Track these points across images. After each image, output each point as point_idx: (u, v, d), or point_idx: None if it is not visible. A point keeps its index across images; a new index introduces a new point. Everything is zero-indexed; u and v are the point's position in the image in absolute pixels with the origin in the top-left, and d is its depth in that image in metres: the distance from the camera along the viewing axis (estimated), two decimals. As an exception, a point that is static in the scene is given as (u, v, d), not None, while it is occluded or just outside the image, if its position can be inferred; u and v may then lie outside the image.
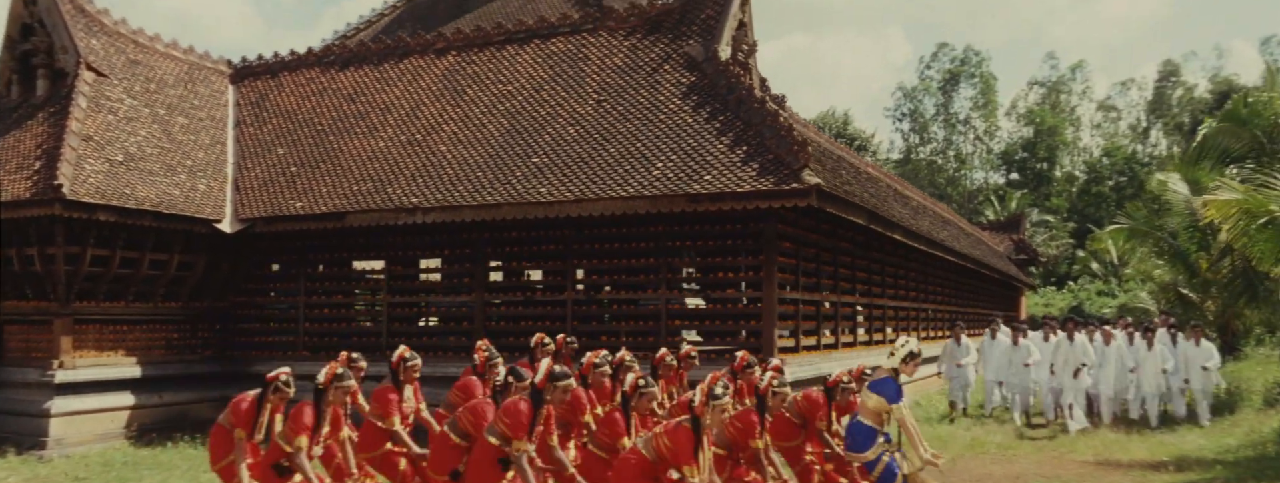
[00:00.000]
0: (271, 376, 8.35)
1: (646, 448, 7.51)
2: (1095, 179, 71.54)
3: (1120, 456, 14.18)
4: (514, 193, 15.29)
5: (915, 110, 77.96)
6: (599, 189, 14.61)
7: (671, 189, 14.08)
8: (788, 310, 15.55)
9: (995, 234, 46.29)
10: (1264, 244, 13.27)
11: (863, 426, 8.76)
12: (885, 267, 21.23)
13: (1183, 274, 24.51)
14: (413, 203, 16.03)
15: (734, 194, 13.62)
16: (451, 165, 16.65)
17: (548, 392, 7.52)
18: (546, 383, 7.51)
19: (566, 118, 16.66)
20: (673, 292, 15.47)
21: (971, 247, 30.15)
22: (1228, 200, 13.44)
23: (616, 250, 15.86)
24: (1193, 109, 66.30)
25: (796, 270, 15.92)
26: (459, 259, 17.17)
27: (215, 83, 21.78)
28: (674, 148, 14.96)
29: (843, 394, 9.76)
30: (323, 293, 18.57)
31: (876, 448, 8.67)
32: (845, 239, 18.40)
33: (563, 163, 15.57)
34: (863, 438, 8.72)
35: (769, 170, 13.74)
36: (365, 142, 18.37)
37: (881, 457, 8.66)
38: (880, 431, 8.74)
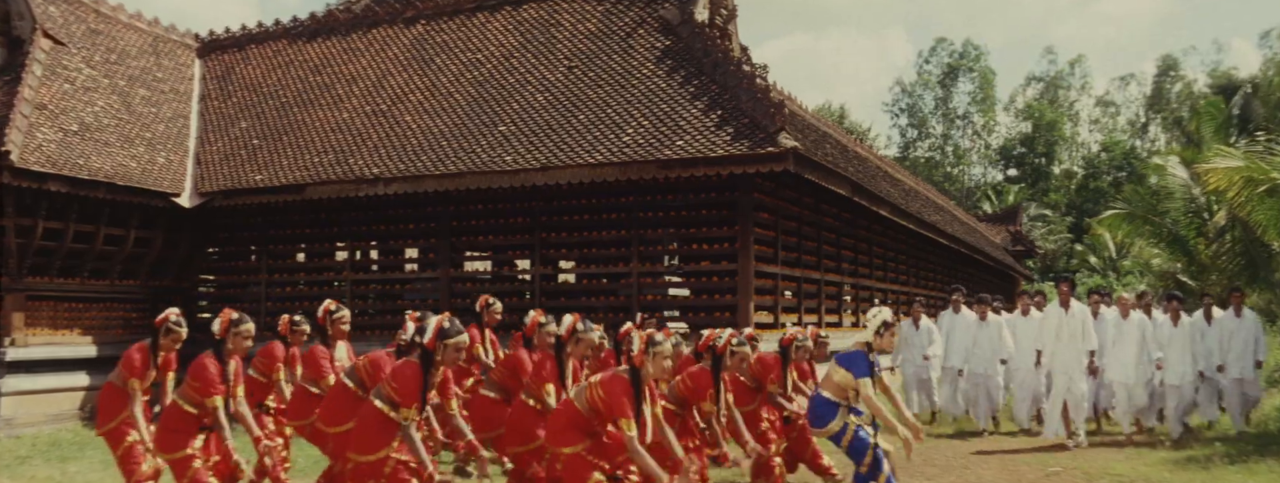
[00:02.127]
0: (159, 317, 7.61)
1: (579, 399, 6.74)
2: (1094, 174, 70.93)
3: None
4: (478, 162, 14.57)
5: (913, 105, 77.33)
6: (566, 157, 13.88)
7: (642, 155, 13.34)
8: (765, 285, 14.81)
9: (992, 225, 45.66)
10: (1267, 213, 12.61)
11: (824, 399, 7.84)
12: (874, 246, 20.50)
13: (1182, 261, 23.85)
14: (373, 173, 15.33)
15: (707, 159, 12.88)
16: (416, 135, 15.94)
17: (438, 352, 6.67)
18: (436, 343, 6.66)
19: (536, 85, 15.94)
20: (645, 265, 14.70)
21: (966, 233, 29.42)
22: (1230, 168, 12.75)
23: (586, 222, 15.15)
24: (1192, 103, 65.60)
25: (776, 244, 15.19)
26: (423, 233, 16.44)
27: (181, 55, 21.13)
28: (646, 113, 14.23)
29: (799, 353, 9.13)
30: (284, 271, 17.88)
31: (839, 419, 7.80)
32: (830, 215, 17.67)
33: (530, 131, 14.84)
34: (824, 412, 7.83)
35: (744, 134, 13.00)
36: (329, 113, 17.69)
37: (846, 427, 7.76)
38: (843, 404, 7.86)
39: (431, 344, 6.56)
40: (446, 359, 6.63)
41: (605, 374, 6.70)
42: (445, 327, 6.60)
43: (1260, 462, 11.01)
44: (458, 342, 6.61)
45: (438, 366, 6.65)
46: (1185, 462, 11.26)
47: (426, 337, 6.57)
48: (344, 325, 8.99)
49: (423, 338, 6.66)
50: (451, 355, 6.63)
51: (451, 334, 6.58)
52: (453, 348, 6.60)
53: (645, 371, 6.62)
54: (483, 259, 17.10)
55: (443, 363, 6.66)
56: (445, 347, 6.58)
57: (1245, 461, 11.13)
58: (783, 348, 9.03)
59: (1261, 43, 68.68)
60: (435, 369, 6.65)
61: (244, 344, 7.43)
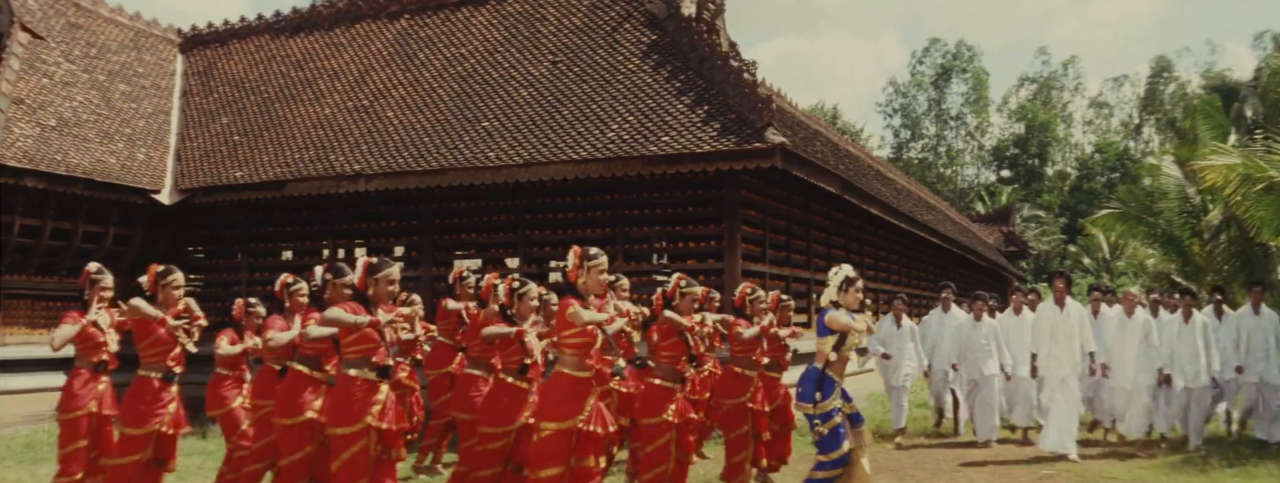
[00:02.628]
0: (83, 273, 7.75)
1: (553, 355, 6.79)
2: (1087, 175, 70.88)
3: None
4: (461, 158, 14.28)
5: (907, 106, 77.15)
6: (550, 152, 13.60)
7: (627, 151, 13.05)
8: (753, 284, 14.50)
9: (985, 226, 45.44)
10: (1264, 211, 12.36)
11: (817, 371, 7.41)
12: (864, 246, 20.23)
13: (1176, 262, 23.58)
14: (355, 170, 15.05)
15: (693, 155, 12.59)
16: (398, 131, 15.66)
17: (370, 287, 6.40)
18: (366, 279, 6.41)
19: (520, 80, 15.65)
20: (631, 263, 14.41)
21: (959, 233, 29.19)
22: (1226, 165, 12.50)
23: (571, 220, 14.85)
24: (1186, 104, 65.46)
25: (764, 242, 14.91)
26: (406, 231, 16.15)
27: (163, 51, 20.89)
28: (631, 109, 13.94)
29: (753, 306, 9.15)
30: (266, 270, 17.56)
31: (835, 398, 7.30)
32: (820, 213, 17.40)
33: (513, 126, 14.55)
34: (810, 385, 7.37)
35: (731, 130, 12.72)
36: (311, 109, 17.42)
37: (833, 413, 7.30)
38: (837, 382, 7.39)
39: (362, 284, 6.32)
40: (380, 294, 6.39)
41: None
42: (373, 262, 6.37)
43: (1259, 465, 10.75)
44: (387, 274, 6.43)
45: (374, 302, 6.40)
46: (1182, 465, 11.02)
47: (356, 277, 6.34)
48: (301, 298, 8.63)
49: (334, 275, 6.52)
50: (384, 289, 6.41)
51: (381, 268, 6.37)
52: (384, 282, 6.39)
53: (582, 285, 6.60)
54: (468, 258, 16.73)
55: (378, 298, 6.41)
56: (376, 281, 6.37)
57: (1243, 464, 10.87)
58: (736, 308, 9.19)
59: (1255, 44, 68.26)
60: (373, 308, 6.38)
61: (175, 295, 7.40)
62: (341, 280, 6.89)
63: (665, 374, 8.03)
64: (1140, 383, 11.87)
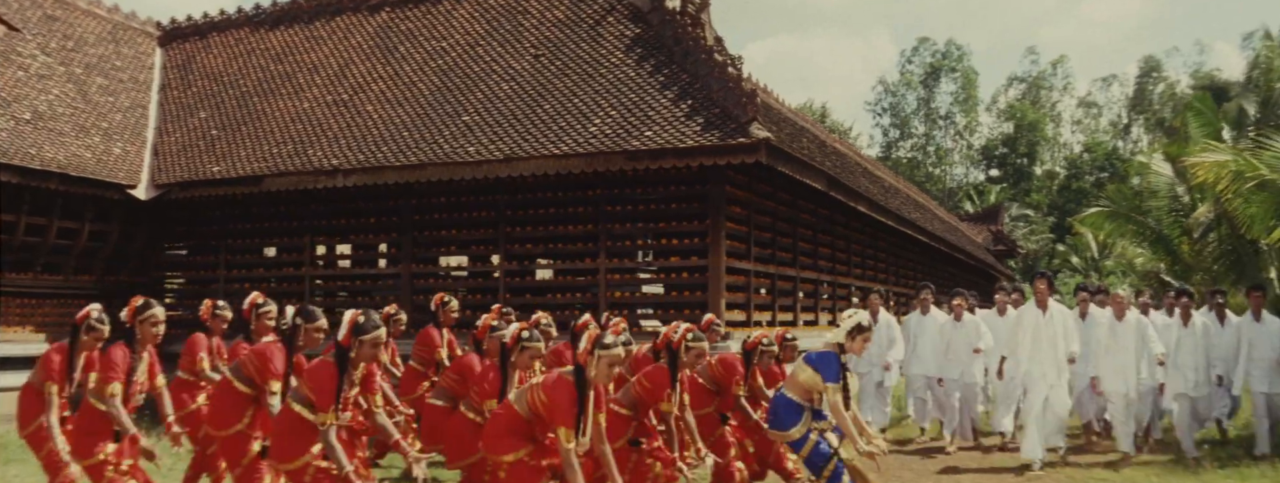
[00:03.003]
0: (81, 314, 7.03)
1: (519, 403, 6.19)
2: (1075, 175, 70.76)
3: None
4: (440, 153, 14.02)
5: (896, 105, 77.01)
6: (531, 147, 13.33)
7: (609, 146, 12.79)
8: (738, 282, 14.30)
9: (973, 225, 45.31)
10: (1256, 208, 12.13)
11: (788, 400, 7.36)
12: (852, 244, 20.02)
13: (1165, 261, 23.39)
14: (333, 165, 14.77)
15: (676, 150, 12.34)
16: (377, 125, 15.40)
17: (353, 348, 6.04)
18: (351, 339, 6.09)
19: (501, 74, 15.39)
20: (613, 260, 14.16)
21: (947, 232, 29.01)
22: (1218, 162, 12.28)
23: (553, 217, 14.58)
24: (1174, 104, 65.38)
25: (749, 239, 14.67)
26: (385, 228, 15.88)
27: (142, 44, 20.58)
28: (614, 103, 13.69)
29: (763, 359, 8.43)
30: (243, 267, 17.29)
31: (802, 425, 7.28)
32: (806, 210, 17.16)
33: (494, 121, 14.29)
34: (785, 414, 7.34)
35: (715, 125, 12.47)
36: (290, 103, 17.14)
37: (808, 436, 7.26)
38: (808, 407, 7.35)
39: (346, 341, 6.01)
40: (362, 356, 6.06)
41: (550, 377, 6.13)
42: (360, 322, 6.04)
43: (1253, 466, 10.49)
44: (374, 337, 6.04)
45: (354, 363, 6.10)
46: (1172, 465, 10.79)
47: (340, 333, 6.02)
48: (268, 321, 8.40)
49: (305, 320, 6.21)
50: (367, 352, 6.05)
51: (367, 330, 6.01)
52: (369, 344, 6.04)
53: (590, 372, 6.05)
54: (449, 255, 16.44)
55: (359, 360, 6.10)
56: (361, 343, 6.02)
57: (1237, 465, 10.62)
58: (746, 352, 8.35)
59: (1244, 44, 68.22)
60: (352, 368, 6.09)
61: (152, 331, 6.92)
62: (313, 325, 6.62)
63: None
64: (1135, 389, 10.92)
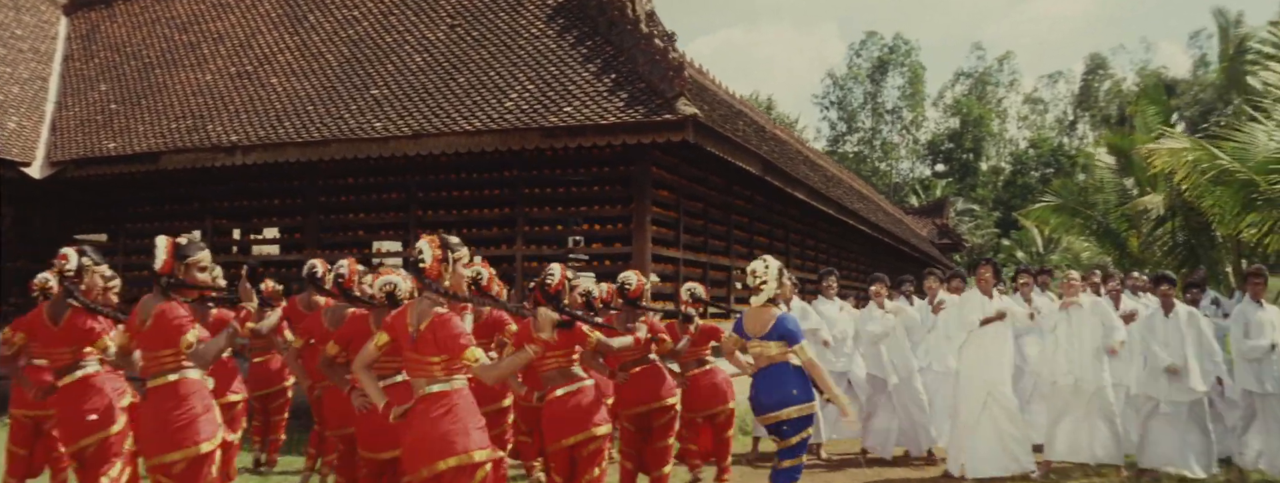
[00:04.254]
0: None
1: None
2: (1021, 170, 70.77)
3: None
4: (345, 129, 12.95)
5: (843, 98, 76.54)
6: (442, 123, 12.29)
7: (525, 122, 11.78)
8: (665, 271, 13.33)
9: (919, 218, 44.75)
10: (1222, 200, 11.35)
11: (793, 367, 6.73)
12: (790, 233, 19.10)
13: (1113, 255, 22.80)
14: (232, 141, 13.64)
15: (596, 127, 11.35)
16: (280, 99, 14.29)
17: (177, 273, 5.15)
18: (173, 264, 5.15)
19: (414, 45, 14.33)
20: (531, 247, 13.13)
21: (892, 224, 28.24)
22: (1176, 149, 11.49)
23: (466, 199, 13.52)
24: (1120, 101, 65.48)
25: (678, 226, 13.68)
26: (289, 210, 14.75)
27: (45, 12, 19.31)
28: (532, 77, 12.69)
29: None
30: (140, 252, 16.05)
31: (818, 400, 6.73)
32: (741, 197, 16.21)
33: (404, 95, 13.24)
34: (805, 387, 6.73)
35: (639, 100, 11.50)
36: (191, 75, 15.98)
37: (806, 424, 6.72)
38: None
39: (166, 268, 5.00)
40: (192, 280, 5.19)
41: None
42: (181, 244, 5.14)
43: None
44: (198, 259, 5.15)
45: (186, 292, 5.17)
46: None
47: (157, 263, 5.03)
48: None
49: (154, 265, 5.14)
50: (196, 276, 5.18)
51: (190, 252, 5.11)
52: (194, 268, 5.16)
53: (445, 283, 5.12)
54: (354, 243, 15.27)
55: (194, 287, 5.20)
56: (186, 267, 5.11)
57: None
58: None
59: (1191, 43, 68.69)
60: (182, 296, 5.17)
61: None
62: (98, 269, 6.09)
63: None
64: (1095, 394, 9.32)
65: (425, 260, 5.02)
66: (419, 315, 4.98)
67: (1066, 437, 9.48)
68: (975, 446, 9.34)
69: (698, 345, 8.06)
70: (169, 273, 5.12)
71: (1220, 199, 11.62)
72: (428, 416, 4.88)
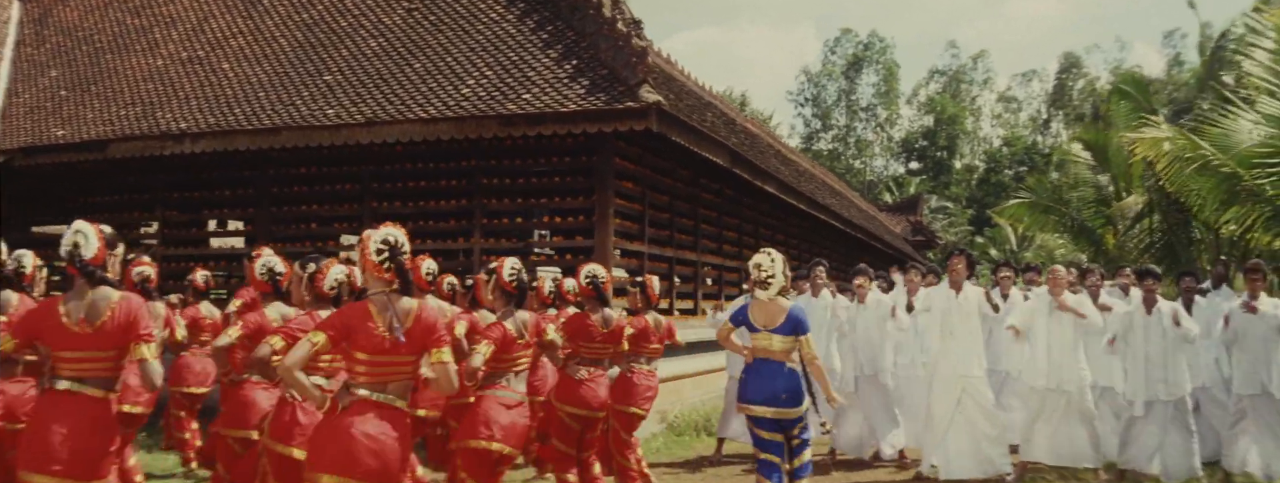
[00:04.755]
0: None
1: None
2: (995, 168, 70.69)
3: None
4: (297, 116, 12.43)
5: (818, 95, 76.27)
6: (396, 110, 11.79)
7: (482, 109, 11.30)
8: (629, 265, 12.89)
9: (893, 215, 44.49)
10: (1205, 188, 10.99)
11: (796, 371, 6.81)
12: (760, 228, 18.68)
13: (1087, 252, 22.50)
14: (181, 128, 13.11)
15: (556, 115, 10.88)
16: (232, 85, 13.77)
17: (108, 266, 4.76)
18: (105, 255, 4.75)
19: (370, 29, 13.83)
20: (489, 240, 12.65)
21: (865, 220, 27.87)
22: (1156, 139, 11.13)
23: (423, 190, 13.03)
24: (1094, 100, 65.45)
25: (643, 219, 13.21)
26: (241, 201, 14.21)
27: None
28: (491, 62, 12.22)
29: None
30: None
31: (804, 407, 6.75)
32: (709, 190, 15.77)
33: (358, 80, 12.74)
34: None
35: (601, 87, 11.04)
36: (143, 60, 15.44)
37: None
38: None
39: (98, 259, 4.66)
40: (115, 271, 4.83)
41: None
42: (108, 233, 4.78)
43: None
44: (119, 252, 4.83)
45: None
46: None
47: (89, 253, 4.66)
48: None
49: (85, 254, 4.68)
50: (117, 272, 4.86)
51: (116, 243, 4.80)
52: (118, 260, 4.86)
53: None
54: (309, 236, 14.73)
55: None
56: (114, 257, 4.79)
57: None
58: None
59: (1166, 43, 68.62)
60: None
61: None
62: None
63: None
64: (1074, 395, 8.87)
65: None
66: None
67: (1044, 439, 9.07)
68: (949, 446, 8.97)
69: (606, 342, 7.64)
70: (102, 264, 4.71)
71: (1202, 191, 11.27)
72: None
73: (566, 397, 7.32)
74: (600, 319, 7.45)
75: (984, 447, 8.94)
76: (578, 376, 7.31)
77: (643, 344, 7.98)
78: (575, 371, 7.36)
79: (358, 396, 4.52)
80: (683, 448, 11.24)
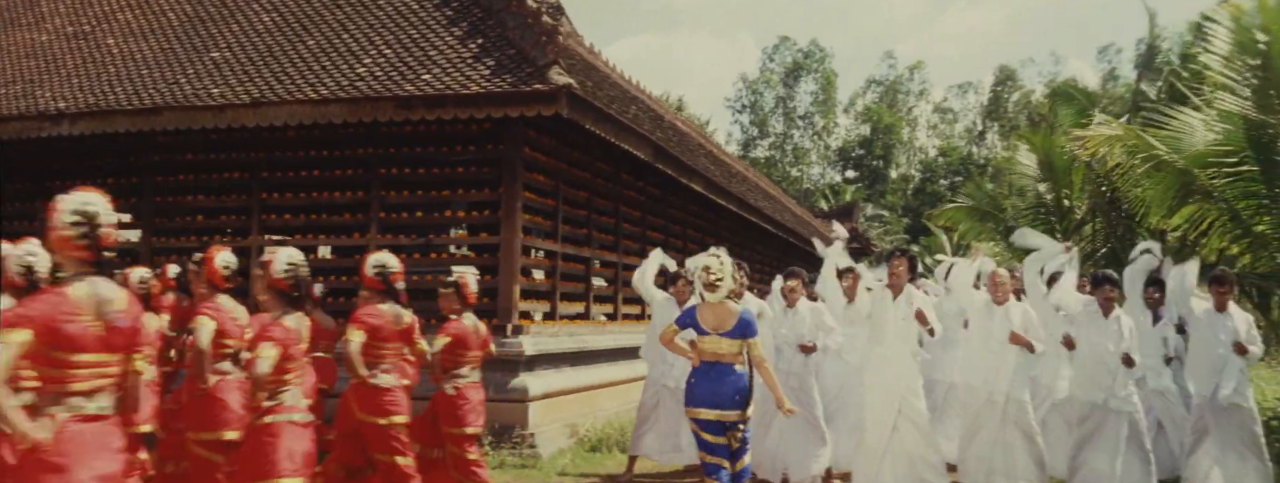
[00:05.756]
0: None
1: None
2: (930, 178, 70.88)
3: None
4: (180, 95, 11.36)
5: (756, 102, 75.95)
6: (284, 90, 10.77)
7: (377, 90, 10.32)
8: (540, 264, 11.95)
9: (827, 222, 43.87)
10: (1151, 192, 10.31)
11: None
12: (689, 229, 17.83)
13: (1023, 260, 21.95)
14: (59, 108, 11.97)
15: (457, 97, 9.94)
16: (115, 62, 12.68)
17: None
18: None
19: (263, 2, 12.78)
20: (387, 236, 11.62)
21: (799, 225, 27.12)
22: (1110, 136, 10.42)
23: (316, 181, 11.93)
24: (1029, 112, 65.77)
25: (557, 216, 12.25)
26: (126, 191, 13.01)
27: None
28: (390, 40, 11.25)
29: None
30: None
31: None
32: (632, 187, 14.89)
33: (247, 57, 11.71)
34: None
35: (507, 69, 10.11)
36: (28, 35, 14.25)
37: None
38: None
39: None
40: None
41: None
42: None
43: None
44: None
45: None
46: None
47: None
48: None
49: None
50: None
51: None
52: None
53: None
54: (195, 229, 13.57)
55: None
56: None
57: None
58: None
59: (1100, 57, 69.24)
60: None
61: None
62: None
63: None
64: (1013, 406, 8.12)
65: None
66: None
67: (981, 456, 8.27)
68: (883, 470, 8.07)
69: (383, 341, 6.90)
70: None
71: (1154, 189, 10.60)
72: None
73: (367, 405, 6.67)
74: (392, 315, 6.82)
75: (920, 470, 8.05)
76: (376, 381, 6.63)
77: (461, 354, 7.24)
78: (373, 375, 6.64)
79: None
80: (593, 465, 10.32)
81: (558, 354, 11.53)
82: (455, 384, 7.11)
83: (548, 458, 10.22)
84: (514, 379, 10.57)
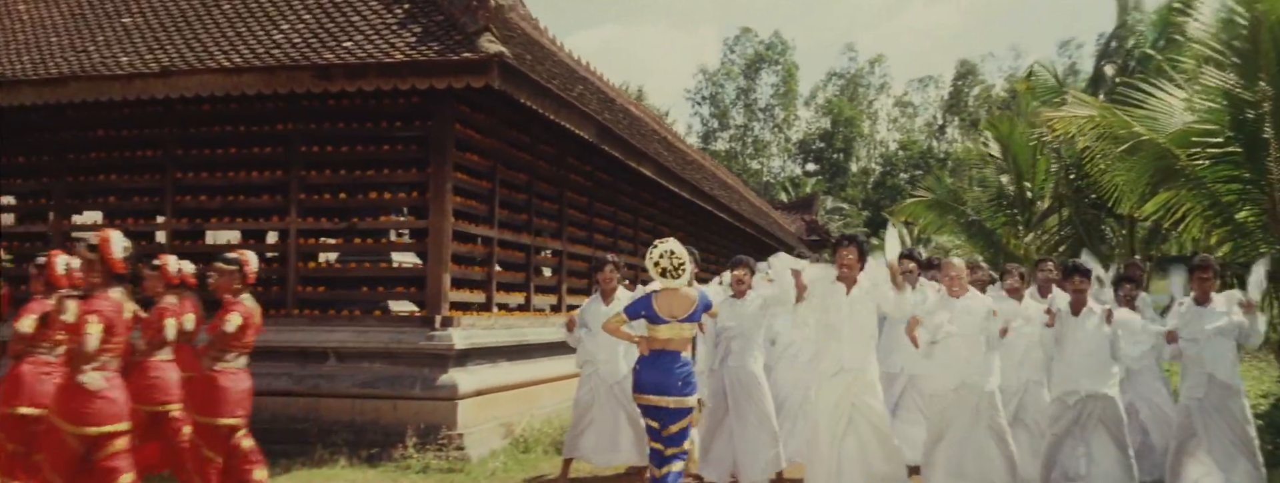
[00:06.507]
0: None
1: None
2: (890, 172, 70.91)
3: None
4: (87, 64, 10.49)
5: (716, 94, 75.47)
6: (195, 58, 9.92)
7: (294, 59, 9.49)
8: (474, 252, 11.16)
9: (788, 214, 43.55)
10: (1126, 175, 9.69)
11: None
12: (640, 218, 17.08)
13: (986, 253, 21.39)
14: (-41, 78, 11.06)
15: (379, 66, 9.14)
16: (24, 28, 11.77)
17: None
18: None
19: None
20: (307, 220, 10.77)
21: (757, 216, 26.47)
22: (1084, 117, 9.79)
23: (233, 159, 11.01)
24: (989, 106, 65.70)
25: (492, 200, 11.42)
26: (33, 171, 12.10)
27: None
28: (309, 4, 10.44)
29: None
30: None
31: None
32: (579, 172, 14.12)
33: (159, 23, 10.86)
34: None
35: (434, 36, 9.32)
36: (-74, 0, 13.26)
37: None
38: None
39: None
40: None
41: None
42: None
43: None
44: None
45: None
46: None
47: None
48: None
49: None
50: None
51: None
52: None
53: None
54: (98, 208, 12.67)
55: None
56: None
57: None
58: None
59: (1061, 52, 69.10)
60: None
61: None
62: None
63: None
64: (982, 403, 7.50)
65: None
66: None
67: (949, 458, 7.58)
68: (839, 473, 7.28)
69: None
70: None
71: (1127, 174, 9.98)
72: None
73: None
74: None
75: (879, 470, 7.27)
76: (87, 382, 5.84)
77: (241, 338, 6.84)
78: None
79: None
80: (527, 469, 9.56)
81: (493, 348, 10.75)
82: (219, 367, 6.77)
83: (478, 460, 9.46)
84: (442, 375, 9.78)
